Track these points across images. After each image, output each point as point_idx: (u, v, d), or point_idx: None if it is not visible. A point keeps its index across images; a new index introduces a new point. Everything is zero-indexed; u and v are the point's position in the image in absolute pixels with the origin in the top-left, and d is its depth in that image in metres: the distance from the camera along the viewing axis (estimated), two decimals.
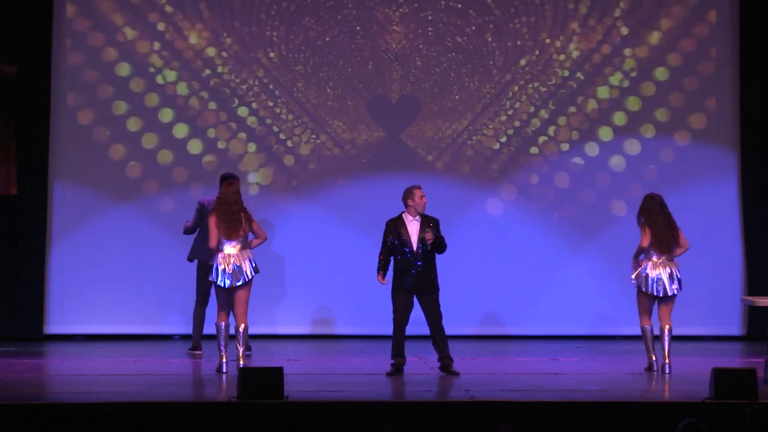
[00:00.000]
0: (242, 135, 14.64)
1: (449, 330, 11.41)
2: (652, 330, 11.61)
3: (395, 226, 11.40)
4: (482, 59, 14.77)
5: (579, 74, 14.80)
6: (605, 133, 14.83)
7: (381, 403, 9.46)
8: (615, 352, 13.47)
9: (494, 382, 10.93)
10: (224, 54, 14.63)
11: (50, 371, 12.44)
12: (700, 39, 14.92)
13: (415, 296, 11.38)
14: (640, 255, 11.62)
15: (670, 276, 11.55)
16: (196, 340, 12.76)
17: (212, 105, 14.62)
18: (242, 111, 14.64)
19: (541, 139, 14.80)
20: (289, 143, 14.69)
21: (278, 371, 9.25)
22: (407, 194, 11.44)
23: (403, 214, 11.44)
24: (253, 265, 11.36)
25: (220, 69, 14.62)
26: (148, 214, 14.51)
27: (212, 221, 11.34)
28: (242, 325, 11.34)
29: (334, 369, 12.20)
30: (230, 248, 11.32)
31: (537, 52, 14.78)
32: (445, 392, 10.47)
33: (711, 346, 14.20)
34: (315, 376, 11.40)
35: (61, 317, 14.39)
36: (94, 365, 12.33)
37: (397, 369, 11.30)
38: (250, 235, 11.47)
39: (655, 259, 11.59)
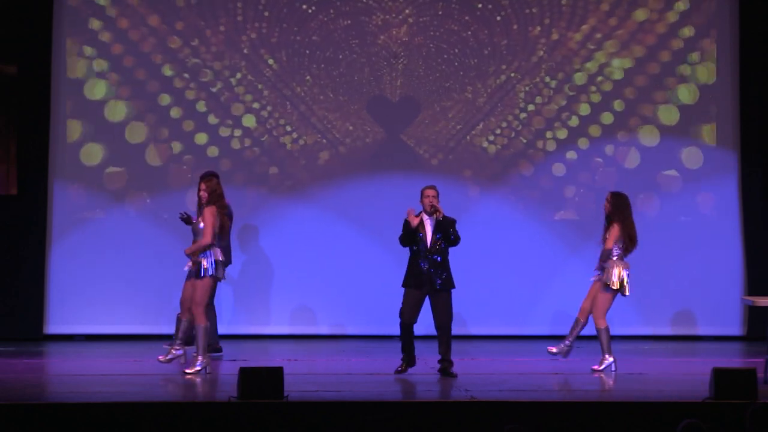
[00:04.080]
0: (242, 135, 14.64)
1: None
2: None
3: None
4: (482, 59, 14.77)
5: (579, 72, 14.82)
6: (610, 133, 14.87)
7: (381, 403, 9.45)
8: (615, 352, 13.44)
9: (494, 382, 10.93)
10: (226, 54, 14.63)
11: (50, 371, 12.44)
12: (699, 39, 14.92)
13: (427, 295, 11.35)
14: (609, 256, 11.60)
15: (628, 276, 11.61)
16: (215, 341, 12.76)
17: (213, 107, 14.63)
18: (242, 110, 14.64)
19: (540, 138, 14.81)
20: (289, 143, 14.68)
21: (278, 371, 9.25)
22: (421, 194, 11.52)
23: (422, 213, 11.51)
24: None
25: (219, 68, 14.64)
26: (147, 214, 14.51)
27: (217, 215, 11.19)
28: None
29: (334, 369, 12.19)
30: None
31: (544, 49, 14.79)
32: (445, 392, 10.47)
33: (711, 346, 14.20)
34: (315, 376, 11.39)
35: (61, 317, 14.39)
36: (94, 365, 12.33)
37: (402, 368, 11.34)
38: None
39: (623, 259, 11.60)
